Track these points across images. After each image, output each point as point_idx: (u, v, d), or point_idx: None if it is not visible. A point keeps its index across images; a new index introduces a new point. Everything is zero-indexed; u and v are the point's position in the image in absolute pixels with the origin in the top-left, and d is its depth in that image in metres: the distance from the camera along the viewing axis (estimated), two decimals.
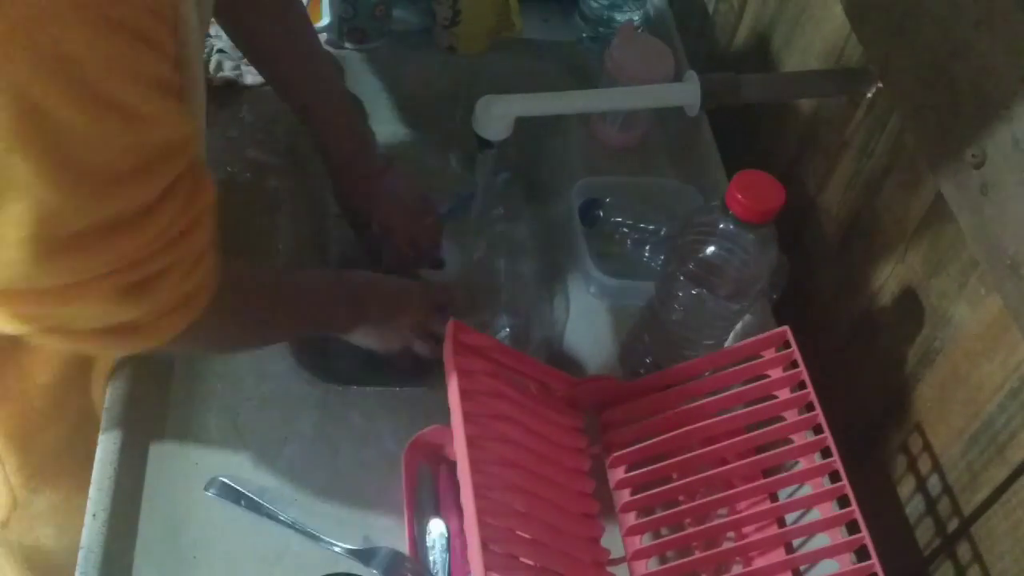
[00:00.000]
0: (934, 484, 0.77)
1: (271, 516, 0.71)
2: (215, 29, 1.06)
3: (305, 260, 0.94)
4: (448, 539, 0.72)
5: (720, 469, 0.74)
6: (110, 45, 0.47)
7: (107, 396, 0.76)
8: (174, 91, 0.53)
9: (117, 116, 0.48)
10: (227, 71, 1.00)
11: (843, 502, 0.69)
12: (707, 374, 0.78)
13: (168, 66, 0.52)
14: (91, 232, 0.51)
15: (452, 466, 0.73)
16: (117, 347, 0.61)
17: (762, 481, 0.74)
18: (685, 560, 0.70)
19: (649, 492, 0.73)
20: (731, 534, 0.74)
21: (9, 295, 0.53)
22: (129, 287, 0.55)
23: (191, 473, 0.74)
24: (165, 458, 0.74)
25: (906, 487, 0.81)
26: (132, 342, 0.60)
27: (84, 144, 0.47)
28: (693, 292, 0.75)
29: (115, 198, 0.51)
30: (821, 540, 0.72)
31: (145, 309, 0.57)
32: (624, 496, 0.75)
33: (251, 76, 1.02)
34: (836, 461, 0.70)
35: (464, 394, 0.67)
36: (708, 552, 0.71)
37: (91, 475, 0.72)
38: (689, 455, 0.74)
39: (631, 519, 0.74)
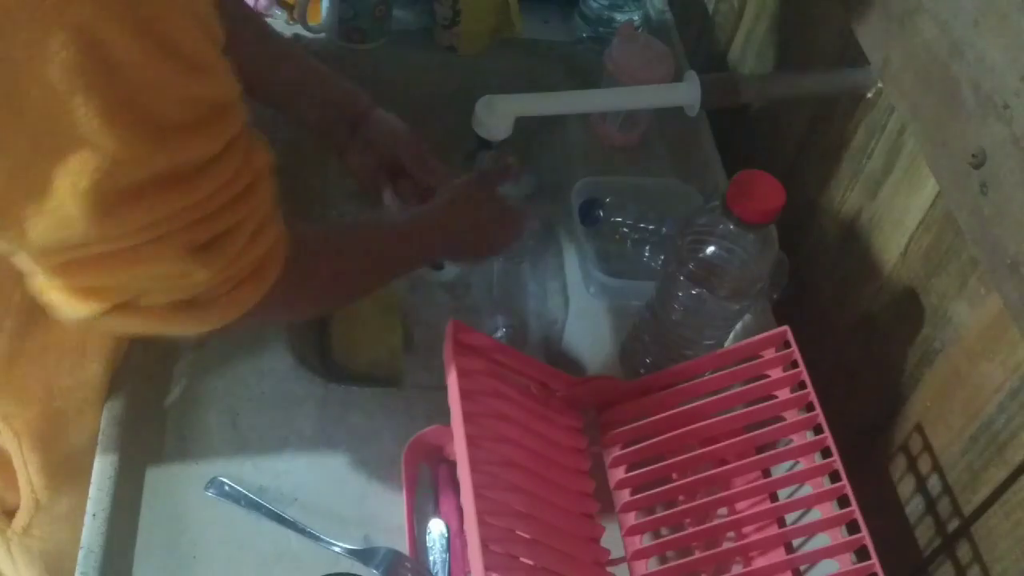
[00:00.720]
0: (934, 484, 0.77)
1: (271, 516, 0.71)
2: None
3: None
4: (448, 539, 0.72)
5: (720, 469, 0.74)
6: None
7: (107, 396, 0.76)
8: (222, 48, 0.52)
9: (180, 63, 0.48)
10: None
11: (843, 502, 0.69)
12: (707, 374, 0.78)
13: (219, 22, 0.51)
14: (150, 184, 0.50)
15: (452, 466, 0.73)
16: (191, 324, 0.58)
17: (762, 481, 0.74)
18: (685, 560, 0.70)
19: (649, 492, 0.73)
20: (731, 534, 0.74)
21: (73, 267, 0.52)
22: (198, 247, 0.54)
23: (191, 473, 0.74)
24: (165, 458, 0.74)
25: (906, 487, 0.81)
26: (206, 317, 0.58)
27: (147, 88, 0.47)
28: (693, 292, 0.75)
29: (175, 149, 0.50)
30: (821, 540, 0.72)
31: (219, 271, 0.56)
32: (624, 496, 0.75)
33: None
34: (836, 461, 0.70)
35: (464, 394, 0.67)
36: (708, 552, 0.71)
37: None
38: (689, 455, 0.74)
39: (631, 519, 0.74)
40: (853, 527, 0.68)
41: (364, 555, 0.70)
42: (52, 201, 0.48)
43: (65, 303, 0.54)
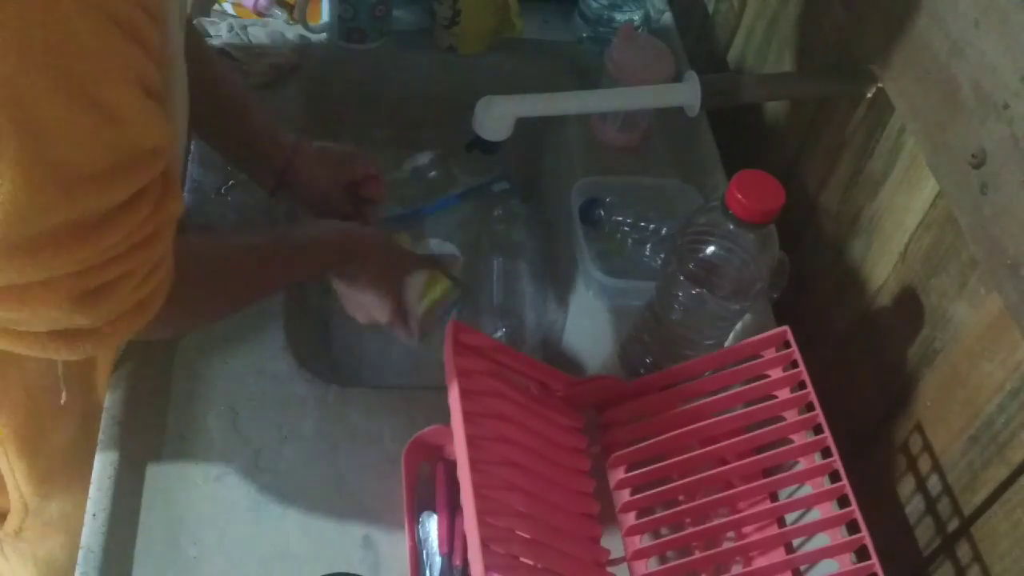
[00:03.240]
0: (934, 484, 0.77)
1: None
2: (214, 29, 1.06)
3: None
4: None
5: (720, 469, 0.74)
6: (103, 41, 0.46)
7: (107, 397, 0.76)
8: (155, 92, 0.52)
9: (100, 114, 0.47)
10: None
11: (843, 502, 0.69)
12: (707, 374, 0.78)
13: (153, 65, 0.51)
14: (52, 233, 0.49)
15: (452, 466, 0.73)
16: (68, 352, 0.58)
17: (762, 481, 0.74)
18: (685, 560, 0.70)
19: (649, 492, 0.73)
20: (731, 534, 0.75)
21: None
22: (82, 294, 0.53)
23: (191, 473, 0.74)
24: (165, 458, 0.74)
25: (906, 487, 0.81)
26: (82, 347, 0.58)
27: (64, 140, 0.46)
28: (693, 292, 0.75)
29: (84, 198, 0.49)
30: (821, 540, 0.72)
31: (96, 316, 0.56)
32: (624, 496, 0.75)
33: (250, 77, 1.03)
34: (836, 461, 0.70)
35: (464, 394, 0.67)
36: (708, 552, 0.71)
37: None
38: (689, 455, 0.74)
39: (631, 519, 0.74)
40: (853, 527, 0.68)
41: None
42: None
43: None
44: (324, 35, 1.09)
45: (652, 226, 0.95)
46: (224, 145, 0.87)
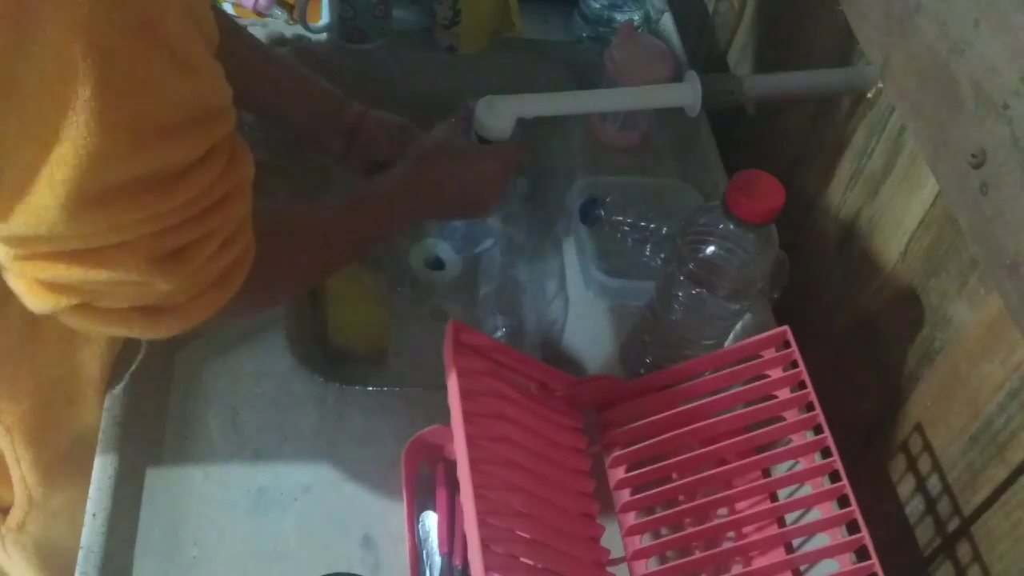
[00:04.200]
0: (934, 484, 0.77)
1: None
2: None
3: None
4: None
5: (720, 469, 0.74)
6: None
7: (107, 396, 0.76)
8: (216, 53, 0.52)
9: (174, 64, 0.48)
10: None
11: (843, 502, 0.69)
12: (707, 374, 0.78)
13: (214, 25, 0.51)
14: (127, 186, 0.49)
15: (452, 465, 0.73)
16: (151, 329, 0.58)
17: (762, 481, 0.74)
18: (685, 560, 0.70)
19: (649, 492, 0.73)
20: (731, 534, 0.75)
21: (39, 258, 0.51)
22: (163, 256, 0.53)
23: (191, 473, 0.74)
24: (165, 458, 0.74)
25: (906, 487, 0.81)
26: (167, 323, 0.58)
27: (139, 87, 0.47)
28: (693, 292, 0.75)
29: (158, 151, 0.49)
30: (821, 540, 0.72)
31: (179, 283, 0.56)
32: (624, 496, 0.75)
33: None
34: (836, 461, 0.70)
35: (464, 394, 0.67)
36: (708, 552, 0.71)
37: None
38: (689, 455, 0.74)
39: (631, 519, 0.74)
40: (853, 527, 0.68)
41: None
42: (31, 189, 0.47)
43: (27, 294, 0.54)
44: (324, 35, 1.09)
45: (652, 226, 0.95)
46: (293, 112, 0.89)
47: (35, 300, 0.54)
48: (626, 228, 0.95)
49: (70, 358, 0.74)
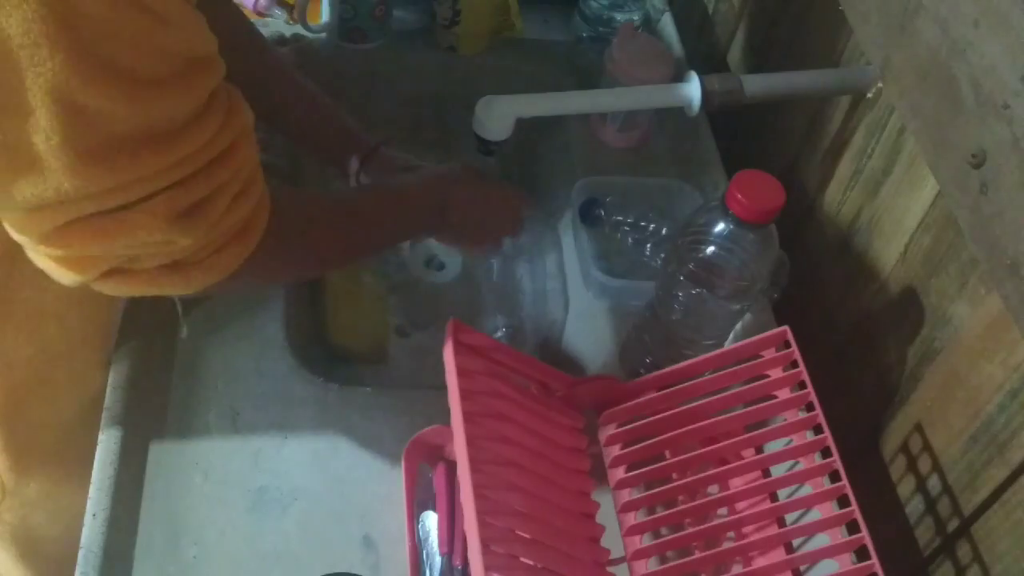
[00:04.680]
0: (934, 484, 0.77)
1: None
2: None
3: None
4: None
5: (720, 469, 0.74)
6: None
7: (106, 396, 0.76)
8: (193, 3, 0.52)
9: (146, 14, 0.48)
10: None
11: (843, 502, 0.69)
12: (707, 374, 0.78)
13: None
14: (128, 140, 0.50)
15: (452, 465, 0.73)
16: (177, 286, 0.59)
17: (762, 481, 0.74)
18: (685, 560, 0.70)
19: (649, 492, 0.73)
20: (731, 534, 0.74)
21: (62, 235, 0.52)
22: (181, 211, 0.54)
23: (191, 473, 0.74)
24: (165, 458, 0.74)
25: (906, 487, 0.81)
26: (195, 278, 0.59)
27: (114, 40, 0.47)
28: (693, 292, 0.75)
29: (150, 104, 0.50)
30: (821, 540, 0.72)
31: (201, 236, 0.57)
32: (624, 496, 0.75)
33: None
34: (836, 461, 0.70)
35: (464, 394, 0.67)
36: (708, 552, 0.71)
37: (84, 461, 0.72)
38: (689, 455, 0.74)
39: (631, 519, 0.74)
40: (853, 527, 0.68)
41: None
42: (29, 156, 0.48)
43: (56, 270, 0.55)
44: (324, 35, 1.09)
45: (652, 226, 0.95)
46: (307, 141, 0.92)
47: (65, 275, 0.55)
48: (626, 228, 0.95)
49: (40, 333, 0.73)
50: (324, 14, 1.09)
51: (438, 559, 0.70)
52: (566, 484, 0.73)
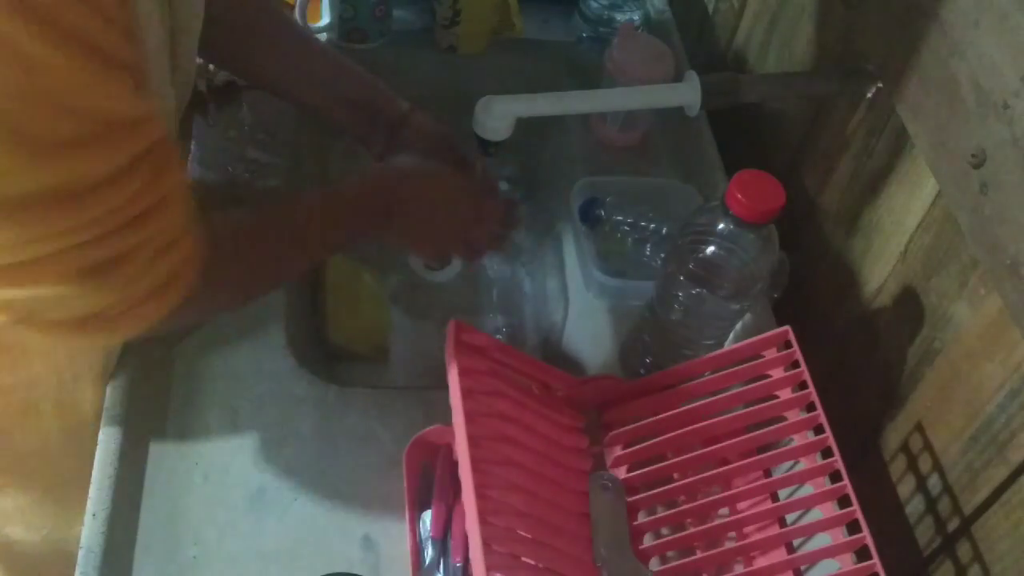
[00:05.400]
0: (934, 484, 0.77)
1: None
2: None
3: None
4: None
5: (721, 469, 0.74)
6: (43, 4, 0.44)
7: (107, 396, 0.76)
8: (119, 64, 0.50)
9: (43, 76, 0.46)
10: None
11: (844, 502, 0.69)
12: (708, 374, 0.78)
13: (115, 36, 0.49)
14: (33, 200, 0.48)
15: (453, 465, 0.73)
16: (93, 339, 0.57)
17: (763, 481, 0.74)
18: (686, 560, 0.70)
19: (650, 492, 0.73)
20: (732, 534, 0.74)
21: None
22: (90, 268, 0.52)
23: (191, 473, 0.74)
24: (165, 458, 0.74)
25: (906, 487, 0.81)
26: (107, 333, 0.57)
27: (13, 99, 0.45)
28: (693, 292, 0.75)
29: (58, 164, 0.48)
30: (822, 540, 0.72)
31: (112, 295, 0.55)
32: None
33: None
34: (837, 461, 0.70)
35: (465, 393, 0.67)
36: (709, 552, 0.71)
37: (67, 482, 0.71)
38: (690, 455, 0.74)
39: (632, 519, 0.74)
40: (854, 527, 0.68)
41: None
42: None
43: None
44: (324, 35, 1.09)
45: (652, 226, 0.95)
46: (333, 102, 0.87)
47: None
48: (626, 228, 0.95)
49: (23, 367, 0.72)
50: (324, 14, 1.09)
51: (441, 560, 0.70)
52: (567, 484, 0.73)
